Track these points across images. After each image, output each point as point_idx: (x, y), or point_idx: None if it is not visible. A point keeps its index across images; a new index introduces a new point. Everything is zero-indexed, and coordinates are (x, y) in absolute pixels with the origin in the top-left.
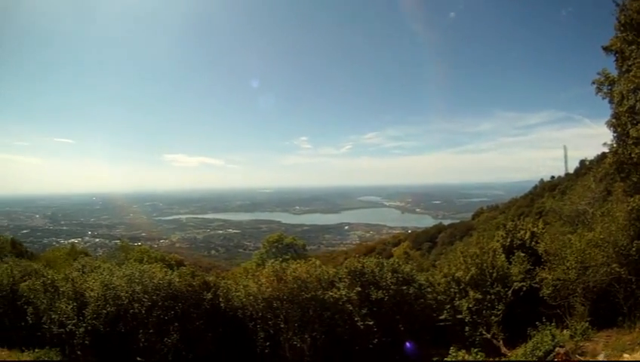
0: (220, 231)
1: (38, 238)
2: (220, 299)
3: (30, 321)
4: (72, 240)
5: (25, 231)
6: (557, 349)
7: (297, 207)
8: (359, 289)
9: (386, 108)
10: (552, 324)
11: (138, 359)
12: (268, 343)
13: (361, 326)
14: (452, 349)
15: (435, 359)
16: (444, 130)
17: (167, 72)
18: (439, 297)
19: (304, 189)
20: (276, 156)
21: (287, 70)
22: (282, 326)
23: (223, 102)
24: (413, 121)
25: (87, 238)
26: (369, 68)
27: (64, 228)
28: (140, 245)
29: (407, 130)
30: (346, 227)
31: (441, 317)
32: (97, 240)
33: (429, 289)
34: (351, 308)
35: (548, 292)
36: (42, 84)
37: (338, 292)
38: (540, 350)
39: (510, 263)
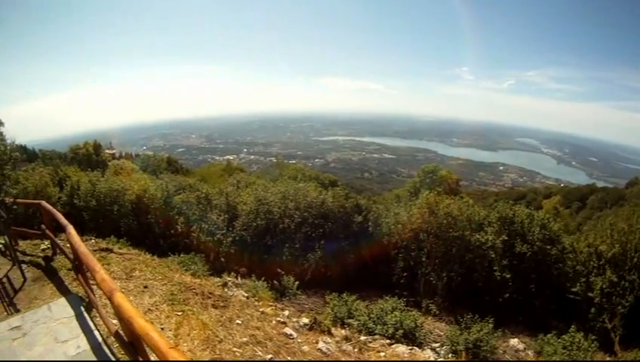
0: (376, 155)
1: (193, 156)
2: (369, 223)
3: (180, 230)
4: (228, 156)
5: (180, 150)
6: None
7: (454, 139)
8: (505, 237)
9: (548, 44)
10: None
11: (279, 270)
12: (405, 274)
13: (498, 277)
14: (572, 328)
15: (553, 332)
16: (606, 80)
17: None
18: (577, 267)
19: (462, 121)
20: (437, 84)
21: None
22: (423, 259)
23: (384, 26)
24: (575, 63)
25: (242, 155)
26: None
27: (220, 146)
28: (295, 163)
29: (569, 72)
30: (501, 168)
31: (572, 289)
32: (252, 157)
33: (570, 256)
34: (493, 256)
35: None
36: (193, 21)
37: (485, 237)
38: None
39: None
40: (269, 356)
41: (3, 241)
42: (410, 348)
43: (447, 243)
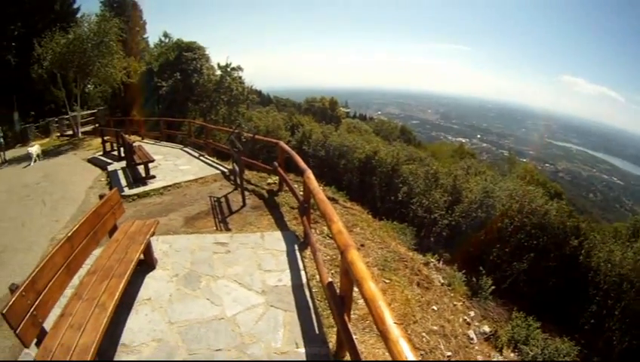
0: (605, 176)
1: (426, 130)
2: (582, 251)
3: (399, 198)
4: (460, 139)
5: (415, 122)
6: None
7: None
8: None
9: None
10: None
11: (480, 268)
12: (592, 321)
13: None
14: None
15: None
16: None
17: None
18: None
19: None
20: None
21: None
22: (616, 313)
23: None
24: None
25: (474, 141)
26: None
27: (454, 126)
28: (525, 162)
29: None
30: None
31: None
32: (484, 145)
33: None
34: None
35: None
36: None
37: None
38: None
39: None
40: (448, 353)
41: (230, 167)
42: None
43: None
